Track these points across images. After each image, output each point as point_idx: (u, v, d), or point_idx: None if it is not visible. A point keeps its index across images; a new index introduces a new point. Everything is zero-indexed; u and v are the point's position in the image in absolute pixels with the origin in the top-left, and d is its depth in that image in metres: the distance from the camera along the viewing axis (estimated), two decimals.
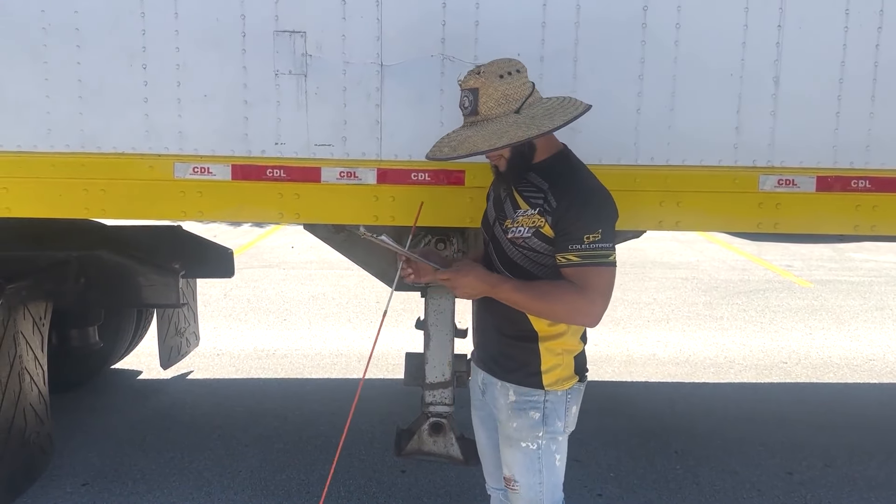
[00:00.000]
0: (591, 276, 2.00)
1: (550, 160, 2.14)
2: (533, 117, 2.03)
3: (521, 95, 2.04)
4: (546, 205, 2.06)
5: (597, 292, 2.00)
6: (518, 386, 2.21)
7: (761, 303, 7.62)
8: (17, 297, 3.22)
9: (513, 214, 2.14)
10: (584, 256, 2.00)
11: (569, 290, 2.02)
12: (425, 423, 3.11)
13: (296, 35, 2.62)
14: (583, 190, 2.06)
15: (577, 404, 2.26)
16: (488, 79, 2.02)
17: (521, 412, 2.20)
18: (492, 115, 2.03)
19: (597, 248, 1.99)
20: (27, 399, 3.30)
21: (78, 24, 2.62)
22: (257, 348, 5.90)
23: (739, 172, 2.70)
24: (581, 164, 2.17)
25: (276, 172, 2.70)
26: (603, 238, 2.00)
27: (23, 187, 2.72)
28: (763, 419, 4.62)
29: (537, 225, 2.07)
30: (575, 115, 2.06)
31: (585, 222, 2.00)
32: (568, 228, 2.02)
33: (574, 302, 2.01)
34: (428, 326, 3.09)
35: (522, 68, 2.08)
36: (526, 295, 2.05)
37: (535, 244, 2.09)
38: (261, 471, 3.82)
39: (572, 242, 2.00)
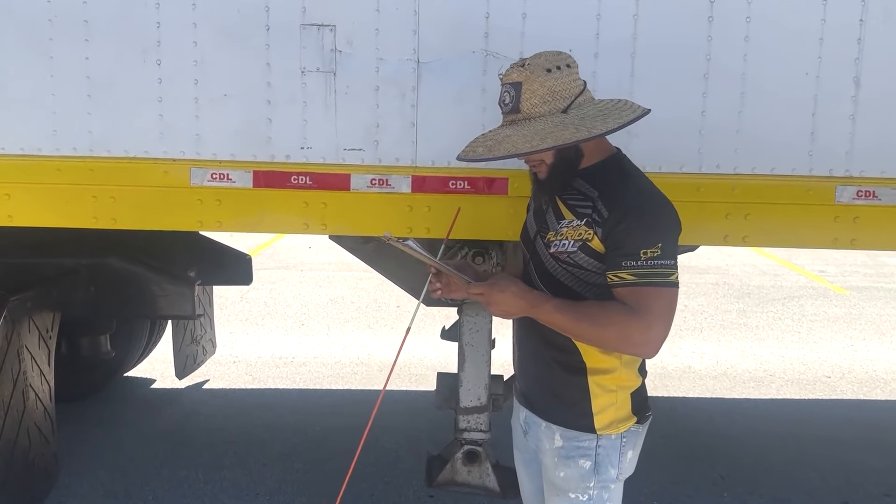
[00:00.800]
0: (649, 298, 1.71)
1: (600, 165, 1.87)
2: (583, 118, 1.76)
3: (570, 93, 1.79)
4: (595, 214, 1.79)
5: (654, 316, 1.71)
6: (565, 429, 1.91)
7: (797, 311, 7.32)
8: (22, 309, 3.00)
9: (556, 226, 1.88)
10: (640, 275, 1.71)
11: (621, 313, 1.73)
12: (459, 452, 2.87)
13: (324, 29, 2.38)
14: (639, 197, 1.79)
15: (635, 448, 1.95)
16: (533, 72, 1.77)
17: (568, 460, 1.91)
18: (535, 114, 1.78)
19: (655, 266, 1.71)
20: (31, 418, 3.09)
21: (87, 15, 2.40)
22: (274, 355, 5.68)
23: (814, 183, 2.43)
24: (636, 169, 1.91)
25: (301, 179, 2.46)
26: (663, 254, 1.72)
27: (26, 194, 2.50)
28: (811, 440, 4.35)
29: (584, 238, 1.80)
30: (631, 119, 1.79)
31: (642, 235, 1.73)
32: (621, 242, 1.74)
33: (627, 327, 1.72)
34: (463, 345, 2.84)
35: (573, 63, 1.83)
36: (570, 316, 1.77)
37: (581, 259, 1.82)
38: (279, 493, 3.59)
39: (627, 258, 1.73)
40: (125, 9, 2.39)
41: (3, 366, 2.91)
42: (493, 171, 2.44)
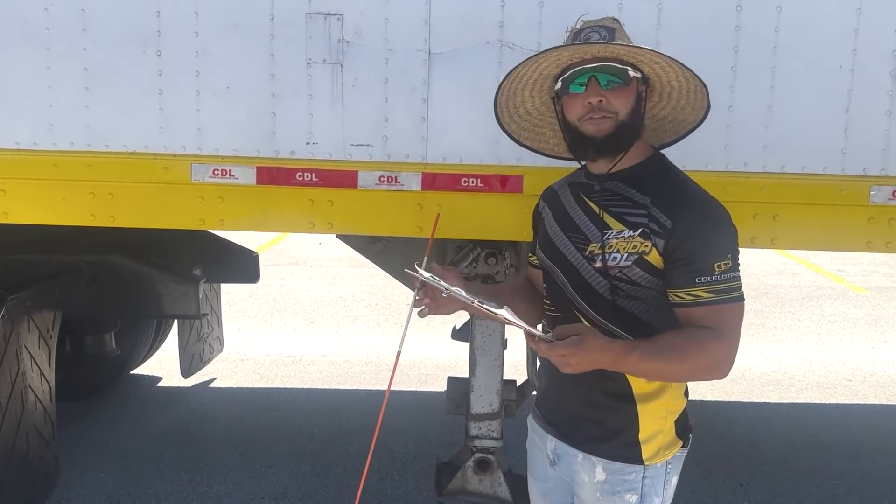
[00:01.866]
0: (731, 315, 1.56)
1: (643, 167, 1.67)
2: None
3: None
4: (654, 224, 1.59)
5: (736, 335, 1.57)
6: (609, 461, 1.71)
7: (816, 311, 7.17)
8: (21, 307, 2.92)
9: (599, 236, 1.66)
10: (717, 291, 1.55)
11: (708, 340, 1.56)
12: (470, 460, 2.76)
13: (331, 18, 2.27)
14: (703, 204, 1.61)
15: (678, 474, 1.78)
16: (622, 29, 1.65)
17: (613, 496, 1.71)
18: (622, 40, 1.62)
19: (729, 280, 1.56)
20: (31, 420, 3.00)
21: (84, 5, 2.30)
22: (282, 354, 5.59)
23: (847, 182, 2.30)
24: (678, 169, 1.73)
25: (306, 176, 2.35)
26: (733, 266, 1.58)
27: (22, 190, 2.41)
28: (833, 446, 4.21)
29: (640, 251, 1.60)
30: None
31: (714, 247, 1.56)
32: (692, 256, 1.56)
33: (717, 353, 1.56)
34: (474, 349, 2.73)
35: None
36: (661, 360, 1.56)
37: (634, 275, 1.62)
38: (284, 498, 3.50)
39: (700, 274, 1.55)
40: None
41: (1, 366, 2.83)
42: (507, 167, 2.33)
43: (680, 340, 1.57)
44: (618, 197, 1.67)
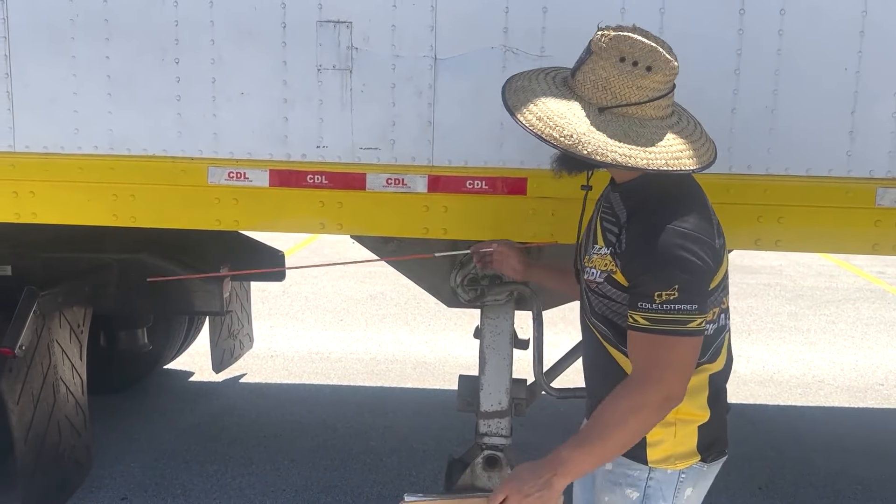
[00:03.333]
0: (661, 348, 1.53)
1: (640, 182, 1.66)
2: (593, 131, 1.54)
3: (622, 96, 1.56)
4: (618, 245, 1.62)
5: (665, 370, 1.53)
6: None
7: (852, 314, 7.03)
8: (53, 304, 3.05)
9: (590, 250, 1.72)
10: (654, 320, 1.53)
11: (627, 396, 1.55)
12: (479, 456, 2.80)
13: (341, 26, 2.34)
14: (656, 230, 1.55)
15: (699, 486, 1.75)
16: (606, 51, 1.56)
17: (615, 486, 1.74)
18: (578, 91, 1.60)
19: (671, 311, 1.51)
20: (62, 411, 3.14)
21: (107, 14, 2.41)
22: (311, 351, 5.71)
23: (853, 184, 2.30)
24: (684, 189, 1.66)
25: (317, 179, 2.43)
26: (680, 298, 1.51)
27: (50, 191, 2.53)
28: (859, 451, 4.15)
29: (609, 269, 1.63)
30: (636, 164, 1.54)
31: (655, 274, 1.53)
32: (636, 280, 1.56)
33: (642, 404, 1.54)
34: (484, 348, 2.78)
35: (663, 70, 1.56)
36: (594, 444, 1.56)
37: (608, 291, 1.65)
38: (305, 491, 3.59)
39: (642, 299, 1.54)
40: (144, 7, 2.39)
41: (34, 360, 2.97)
42: (511, 170, 2.38)
43: (607, 414, 1.57)
44: (610, 212, 1.71)
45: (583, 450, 1.56)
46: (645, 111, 1.58)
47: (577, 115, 1.57)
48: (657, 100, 1.58)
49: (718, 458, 1.76)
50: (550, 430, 4.28)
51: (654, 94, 1.57)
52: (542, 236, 2.44)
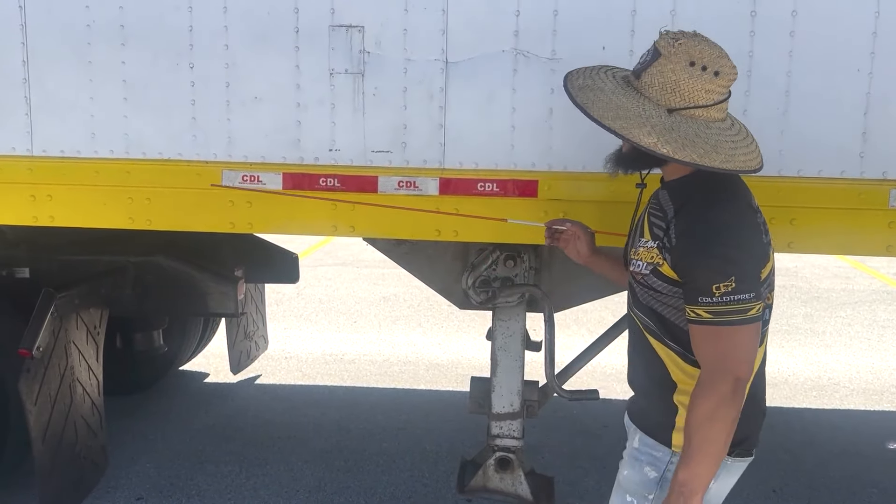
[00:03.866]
0: (724, 338, 1.60)
1: (687, 180, 1.73)
2: (675, 129, 1.63)
3: (691, 99, 1.65)
4: (666, 239, 1.69)
5: (733, 355, 1.60)
6: (643, 434, 1.87)
7: (868, 316, 6.98)
8: (70, 305, 3.09)
9: (637, 243, 1.82)
10: (716, 313, 1.59)
11: (704, 396, 1.62)
12: (491, 458, 2.82)
13: (353, 30, 2.37)
14: (707, 226, 1.64)
15: (720, 480, 1.79)
16: (676, 55, 1.64)
17: (636, 462, 1.87)
18: (646, 93, 1.68)
19: (731, 302, 1.58)
20: (79, 411, 3.18)
21: (123, 20, 2.44)
22: (325, 352, 5.73)
23: (866, 186, 2.29)
24: (727, 186, 1.73)
25: (329, 182, 2.45)
26: (738, 288, 1.58)
27: (67, 195, 2.57)
28: (875, 454, 4.12)
29: (655, 262, 1.70)
30: (715, 166, 1.61)
31: (711, 269, 1.59)
32: (691, 275, 1.63)
33: (717, 396, 1.60)
34: (495, 350, 2.79)
35: (728, 75, 1.66)
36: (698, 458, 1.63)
37: (654, 283, 1.73)
38: (318, 492, 3.61)
39: (701, 294, 1.60)
40: (159, 13, 2.42)
41: (51, 361, 3.00)
42: (522, 172, 2.39)
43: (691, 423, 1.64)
44: (658, 207, 1.77)
45: (694, 465, 1.63)
46: (710, 114, 1.67)
47: (651, 115, 1.65)
48: (721, 103, 1.68)
49: (744, 455, 1.82)
50: (564, 432, 4.30)
51: (718, 97, 1.67)
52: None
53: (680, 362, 1.78)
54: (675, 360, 1.78)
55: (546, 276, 2.83)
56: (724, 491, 1.87)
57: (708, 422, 1.62)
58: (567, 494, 3.59)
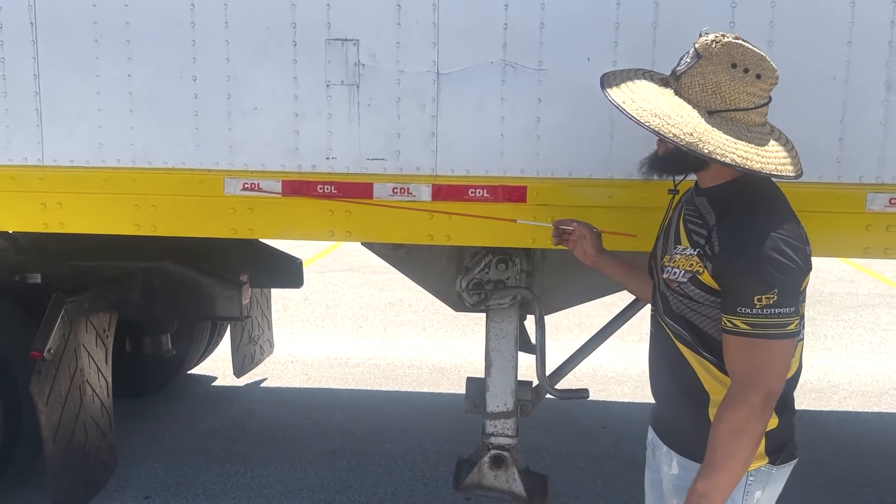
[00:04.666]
0: (760, 351, 1.58)
1: (727, 186, 1.71)
2: (714, 131, 1.60)
3: (732, 101, 1.63)
4: (708, 247, 1.65)
5: (767, 370, 1.58)
6: (682, 457, 1.80)
7: (871, 320, 7.02)
8: (79, 310, 3.20)
9: (672, 250, 1.77)
10: (754, 325, 1.57)
11: (733, 408, 1.60)
12: (486, 456, 2.90)
13: (348, 43, 2.47)
14: (754, 236, 1.59)
15: (769, 489, 1.76)
16: (718, 57, 1.63)
17: (682, 490, 1.75)
18: (686, 94, 1.66)
19: (771, 315, 1.55)
20: (88, 412, 3.28)
21: (129, 35, 2.55)
22: (330, 356, 5.83)
23: (843, 190, 2.37)
24: (771, 196, 1.72)
25: (326, 188, 2.55)
26: (780, 301, 1.55)
27: (76, 202, 2.68)
28: (870, 454, 4.17)
29: (695, 270, 1.67)
30: (756, 169, 1.60)
31: (755, 279, 1.56)
32: (733, 285, 1.60)
33: (746, 409, 1.59)
34: (489, 351, 2.88)
35: (769, 77, 1.66)
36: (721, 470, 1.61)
37: (690, 292, 1.69)
38: (322, 491, 3.70)
39: (741, 304, 1.58)
40: (164, 28, 2.53)
41: (62, 363, 3.11)
42: (511, 178, 2.48)
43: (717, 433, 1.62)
44: (696, 214, 1.74)
45: (716, 477, 1.61)
46: (750, 117, 1.66)
47: (692, 115, 1.63)
48: (762, 107, 1.67)
49: (788, 461, 1.77)
50: (563, 433, 4.37)
51: (760, 101, 1.66)
52: (544, 242, 2.52)
53: (715, 372, 1.73)
54: (710, 370, 1.73)
55: (538, 280, 2.92)
56: (774, 498, 1.80)
57: (734, 434, 1.60)
58: (564, 494, 3.67)
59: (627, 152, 2.26)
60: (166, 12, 2.52)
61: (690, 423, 1.77)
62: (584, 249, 2.12)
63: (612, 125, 2.37)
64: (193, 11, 2.50)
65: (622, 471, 3.89)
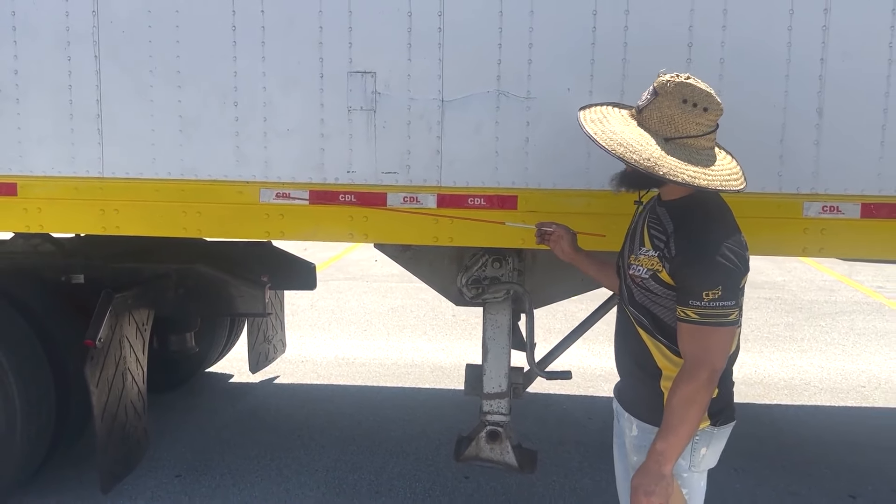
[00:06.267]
0: (709, 336, 1.93)
1: (685, 200, 2.06)
2: (666, 156, 1.95)
3: (683, 130, 1.98)
4: (666, 250, 2.00)
5: (712, 353, 1.94)
6: (640, 421, 2.18)
7: (846, 325, 7.44)
8: (124, 305, 3.62)
9: (637, 251, 2.12)
10: (703, 315, 1.93)
11: (685, 382, 1.95)
12: (483, 431, 3.32)
13: (367, 75, 2.92)
14: (704, 242, 1.96)
15: (712, 446, 2.14)
16: (671, 94, 1.98)
17: (641, 448, 2.14)
18: (646, 125, 2.02)
19: (716, 307, 1.91)
20: (128, 396, 3.70)
21: (179, 67, 3.00)
22: (338, 357, 6.25)
23: (783, 199, 2.81)
24: (718, 209, 2.08)
25: (347, 197, 2.99)
26: (724, 295, 1.91)
27: (131, 209, 3.12)
28: (833, 443, 4.59)
29: (655, 269, 2.02)
30: (702, 185, 1.94)
31: (704, 278, 1.91)
32: (686, 282, 1.95)
33: (696, 384, 1.94)
34: (486, 340, 3.31)
35: (714, 109, 2.00)
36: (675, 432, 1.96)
37: (651, 286, 2.05)
38: (335, 470, 4.12)
39: (692, 298, 1.93)
40: (209, 62, 2.98)
41: (109, 351, 3.53)
42: (504, 189, 2.92)
43: (673, 403, 1.97)
44: (658, 222, 2.09)
45: (672, 437, 1.97)
46: (700, 142, 2.01)
47: (650, 143, 1.97)
48: (709, 133, 2.02)
49: (727, 422, 2.14)
50: (554, 422, 4.79)
51: (707, 129, 2.00)
52: (532, 243, 2.94)
53: (667, 352, 2.09)
54: (663, 351, 2.10)
55: (528, 277, 3.36)
56: (718, 453, 2.17)
57: (687, 403, 1.94)
58: (554, 473, 4.09)
59: (602, 168, 2.69)
60: (212, 48, 2.97)
61: (646, 394, 2.15)
62: (562, 248, 2.53)
63: (589, 144, 2.78)
64: (235, 48, 2.95)
65: (605, 454, 4.25)
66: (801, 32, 2.72)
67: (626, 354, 2.25)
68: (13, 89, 3.08)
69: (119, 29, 3.00)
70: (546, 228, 2.56)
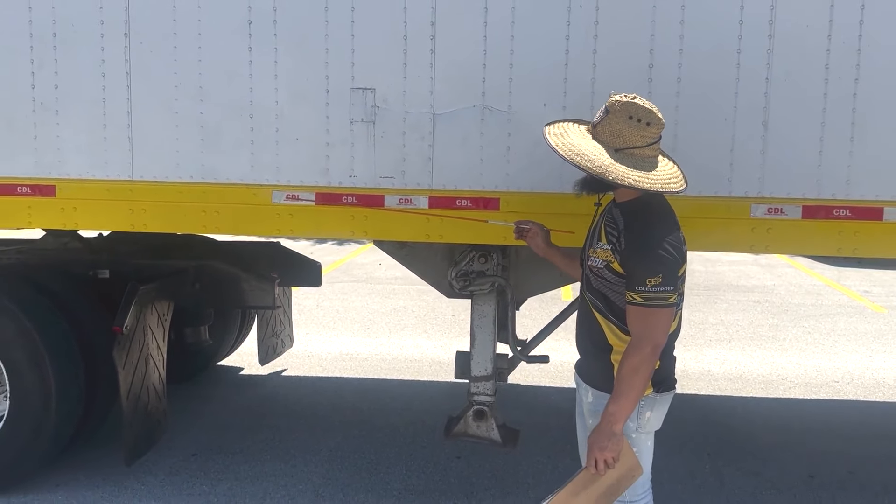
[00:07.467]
0: (651, 316, 2.29)
1: (634, 202, 2.41)
2: (616, 164, 2.28)
3: (631, 142, 2.31)
4: (618, 244, 2.36)
5: (655, 329, 2.29)
6: (594, 389, 2.53)
7: (829, 326, 7.74)
8: (148, 297, 4.00)
9: (595, 245, 2.47)
10: (647, 298, 2.28)
11: (632, 354, 2.30)
12: (470, 410, 3.68)
13: (367, 91, 3.30)
14: (648, 238, 2.31)
15: (655, 410, 2.48)
16: (619, 112, 2.32)
17: (595, 412, 2.48)
18: (599, 138, 2.36)
19: (658, 292, 2.26)
20: (150, 379, 4.07)
21: (202, 83, 3.39)
22: (342, 352, 6.62)
23: (733, 202, 3.18)
24: (662, 210, 2.43)
25: (349, 199, 3.37)
26: (664, 282, 2.26)
27: (156, 209, 3.50)
28: (800, 430, 4.92)
29: (609, 260, 2.37)
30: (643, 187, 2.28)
31: (647, 268, 2.27)
32: (633, 271, 2.30)
33: (641, 356, 2.29)
34: (473, 328, 3.67)
35: (656, 124, 2.33)
36: (624, 397, 2.31)
37: (606, 275, 2.40)
38: (338, 451, 4.48)
39: (638, 284, 2.28)
40: (228, 80, 3.37)
41: (134, 337, 3.92)
42: (487, 192, 3.30)
43: (624, 369, 2.32)
44: (612, 220, 2.45)
45: (621, 401, 2.32)
46: (645, 152, 2.35)
47: (602, 153, 2.33)
48: (653, 144, 2.37)
49: (668, 390, 2.50)
50: (538, 413, 5.14)
51: (650, 140, 2.35)
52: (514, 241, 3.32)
53: (617, 331, 2.45)
54: (614, 330, 2.46)
55: (512, 272, 3.73)
56: (661, 417, 2.52)
57: (633, 372, 2.30)
58: (538, 453, 4.45)
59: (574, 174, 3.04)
60: (230, 66, 3.36)
61: (599, 367, 2.52)
62: (536, 243, 2.91)
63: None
64: (251, 67, 3.34)
65: None
66: (748, 56, 3.08)
67: (584, 334, 2.61)
68: (53, 102, 3.47)
69: (147, 49, 3.39)
70: (523, 226, 2.94)
